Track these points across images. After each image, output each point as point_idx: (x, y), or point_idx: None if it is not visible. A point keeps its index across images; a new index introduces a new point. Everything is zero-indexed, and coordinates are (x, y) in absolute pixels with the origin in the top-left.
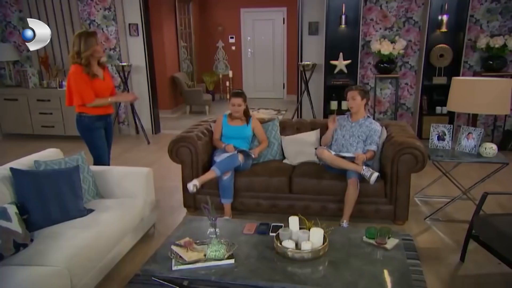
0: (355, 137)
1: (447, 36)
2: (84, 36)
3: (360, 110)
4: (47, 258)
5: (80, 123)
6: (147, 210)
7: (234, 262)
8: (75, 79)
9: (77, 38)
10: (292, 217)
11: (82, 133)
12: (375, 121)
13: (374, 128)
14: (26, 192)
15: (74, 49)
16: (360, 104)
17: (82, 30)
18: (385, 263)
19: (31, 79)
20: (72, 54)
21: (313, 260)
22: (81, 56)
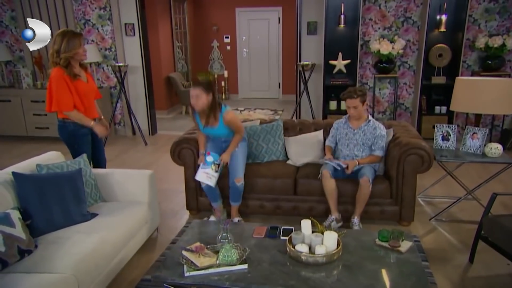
0: (359, 145)
1: (446, 35)
2: (68, 36)
3: (362, 115)
4: (53, 265)
5: (65, 129)
6: (151, 213)
7: (247, 267)
8: (55, 83)
9: (59, 36)
10: (304, 220)
11: (66, 140)
12: (378, 123)
13: (379, 134)
14: (28, 196)
15: (54, 47)
16: (362, 109)
17: (67, 29)
18: (401, 267)
19: (24, 79)
20: (52, 52)
21: (327, 264)
22: (60, 56)
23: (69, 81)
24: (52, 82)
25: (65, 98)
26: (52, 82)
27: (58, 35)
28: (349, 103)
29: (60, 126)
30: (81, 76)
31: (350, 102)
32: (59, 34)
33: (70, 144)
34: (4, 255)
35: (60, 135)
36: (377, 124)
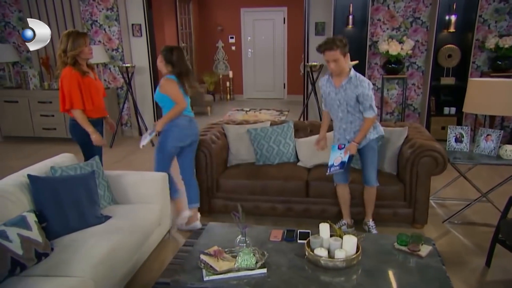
0: (343, 106)
1: (455, 36)
2: (73, 35)
3: (344, 70)
4: (71, 268)
5: (78, 129)
6: (163, 215)
7: (266, 271)
8: (67, 81)
9: (65, 36)
10: (322, 224)
11: (79, 139)
12: (363, 79)
13: (362, 93)
14: (44, 199)
15: (61, 47)
16: (343, 63)
17: (73, 29)
18: (422, 272)
19: (31, 80)
20: (59, 53)
21: (346, 269)
22: (67, 55)
23: (80, 78)
24: (64, 80)
25: (77, 95)
26: (63, 81)
27: (64, 35)
28: (328, 56)
29: (73, 126)
30: (90, 74)
31: (329, 55)
32: (65, 35)
33: (83, 144)
34: (22, 258)
35: (73, 135)
36: (359, 82)
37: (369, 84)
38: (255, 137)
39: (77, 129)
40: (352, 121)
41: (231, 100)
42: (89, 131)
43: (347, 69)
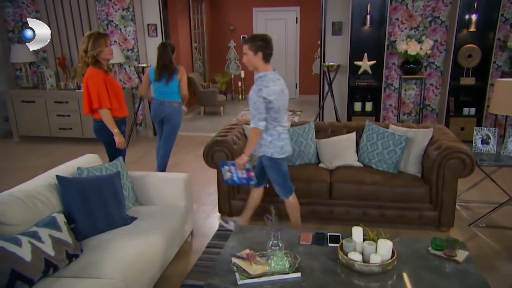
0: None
1: (476, 35)
2: (94, 35)
3: (255, 67)
4: (102, 270)
5: (105, 130)
6: (187, 217)
7: (301, 275)
8: (93, 81)
9: (87, 37)
10: (355, 228)
11: (106, 140)
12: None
13: (250, 97)
14: (72, 200)
15: (82, 47)
16: (254, 60)
17: (94, 31)
18: (460, 278)
19: (48, 80)
20: (81, 54)
21: (382, 274)
22: (87, 55)
23: (104, 76)
24: (89, 80)
25: (104, 93)
26: (89, 81)
27: (86, 36)
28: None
29: (99, 127)
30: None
31: (243, 48)
32: (87, 36)
33: (109, 145)
34: (54, 259)
35: (99, 136)
36: (259, 80)
37: (261, 91)
38: None
39: (103, 130)
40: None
41: (243, 100)
42: (114, 132)
43: (259, 68)
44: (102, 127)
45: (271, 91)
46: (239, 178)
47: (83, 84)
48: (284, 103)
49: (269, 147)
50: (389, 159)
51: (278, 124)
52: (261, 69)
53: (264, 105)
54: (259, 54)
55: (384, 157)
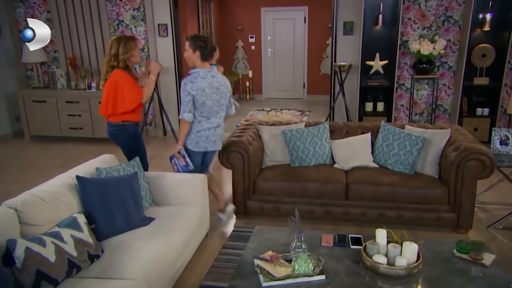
0: None
1: (490, 35)
2: (123, 39)
3: (195, 64)
4: (123, 271)
5: (125, 132)
6: (203, 217)
7: (325, 278)
8: (124, 83)
9: (115, 41)
10: (379, 230)
11: (127, 142)
12: (191, 76)
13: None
14: (92, 200)
15: (111, 51)
16: (193, 57)
17: (120, 34)
18: (489, 283)
19: (59, 80)
20: (109, 58)
21: (407, 277)
22: (118, 59)
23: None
24: (118, 84)
25: (137, 89)
26: (117, 85)
27: (114, 40)
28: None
29: (119, 130)
30: None
31: (185, 44)
32: (115, 39)
33: (130, 146)
34: (77, 259)
35: (119, 139)
36: (189, 80)
37: (186, 85)
38: (290, 138)
39: (122, 133)
40: None
41: (251, 100)
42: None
43: (196, 65)
44: (120, 130)
45: (195, 87)
46: (181, 166)
47: (107, 87)
48: (214, 100)
49: (187, 139)
50: (405, 160)
51: (205, 119)
52: (198, 66)
53: (189, 99)
54: (197, 52)
55: (401, 158)
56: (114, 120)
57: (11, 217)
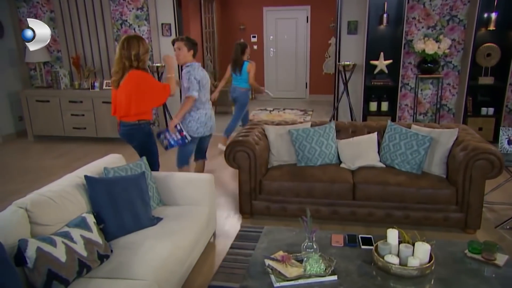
0: None
1: (495, 34)
2: (141, 40)
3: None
4: (134, 271)
5: (141, 131)
6: (211, 217)
7: (337, 278)
8: (148, 81)
9: (134, 40)
10: (390, 230)
11: (143, 140)
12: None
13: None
14: (100, 200)
15: (131, 52)
16: (187, 55)
17: (134, 34)
18: (502, 283)
19: (62, 80)
20: (128, 57)
21: (420, 278)
22: (139, 59)
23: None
24: (141, 81)
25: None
26: (140, 82)
27: (133, 40)
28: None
29: (134, 129)
30: None
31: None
32: (133, 39)
33: (144, 145)
34: (87, 259)
35: (134, 138)
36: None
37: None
38: (296, 138)
39: (137, 133)
40: None
41: (253, 100)
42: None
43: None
44: (136, 130)
45: (198, 75)
46: (175, 141)
47: (128, 86)
48: (207, 89)
49: (188, 129)
50: (412, 159)
51: (202, 105)
52: (190, 61)
53: (195, 81)
54: (191, 51)
55: (407, 157)
56: (130, 119)
57: (21, 216)
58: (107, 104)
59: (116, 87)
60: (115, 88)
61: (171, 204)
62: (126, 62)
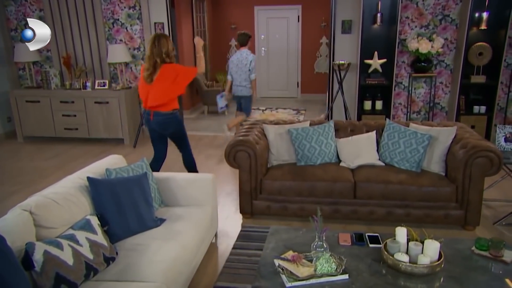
0: None
1: (487, 33)
2: (167, 37)
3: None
4: (142, 273)
5: (177, 119)
6: (213, 218)
7: (348, 277)
8: (180, 70)
9: (164, 39)
10: (399, 228)
11: (179, 128)
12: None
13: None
14: (104, 202)
15: (162, 49)
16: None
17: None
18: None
19: (53, 80)
20: (159, 54)
21: (430, 275)
22: (169, 55)
23: None
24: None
25: (191, 68)
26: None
27: (161, 38)
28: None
29: (172, 118)
30: None
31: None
32: (162, 38)
33: (182, 131)
34: (93, 262)
35: (170, 126)
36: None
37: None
38: (296, 137)
39: (174, 120)
40: None
41: None
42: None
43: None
44: (171, 118)
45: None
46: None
47: (165, 77)
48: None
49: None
50: (411, 157)
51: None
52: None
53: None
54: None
55: (407, 155)
56: (165, 109)
57: (26, 220)
58: (99, 104)
59: (149, 82)
60: (148, 83)
61: (173, 205)
62: (158, 59)
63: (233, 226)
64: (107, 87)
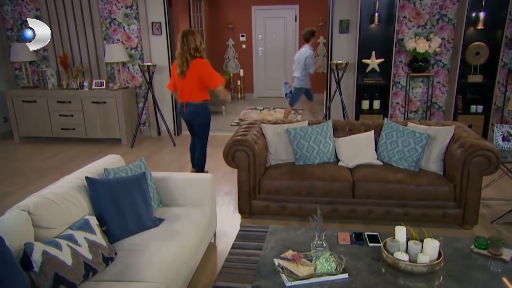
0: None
1: (483, 33)
2: (195, 33)
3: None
4: (141, 273)
5: (207, 109)
6: (212, 218)
7: (348, 276)
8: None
9: (192, 35)
10: (398, 227)
11: (208, 119)
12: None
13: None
14: (102, 202)
15: (191, 46)
16: None
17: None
18: (511, 278)
19: (49, 80)
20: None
21: (429, 274)
22: (198, 50)
23: None
24: (207, 67)
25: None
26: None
27: (188, 36)
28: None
29: (203, 108)
30: None
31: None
32: (189, 35)
33: (208, 122)
34: (92, 263)
35: (200, 116)
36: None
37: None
38: (294, 137)
39: (204, 110)
40: None
41: (242, 99)
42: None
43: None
44: (202, 108)
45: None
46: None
47: (197, 70)
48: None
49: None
50: (409, 157)
51: None
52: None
53: None
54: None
55: (405, 155)
56: (196, 100)
57: (25, 220)
58: (96, 104)
59: (183, 77)
60: (181, 79)
61: (171, 205)
62: (188, 56)
63: (232, 226)
64: (104, 87)
